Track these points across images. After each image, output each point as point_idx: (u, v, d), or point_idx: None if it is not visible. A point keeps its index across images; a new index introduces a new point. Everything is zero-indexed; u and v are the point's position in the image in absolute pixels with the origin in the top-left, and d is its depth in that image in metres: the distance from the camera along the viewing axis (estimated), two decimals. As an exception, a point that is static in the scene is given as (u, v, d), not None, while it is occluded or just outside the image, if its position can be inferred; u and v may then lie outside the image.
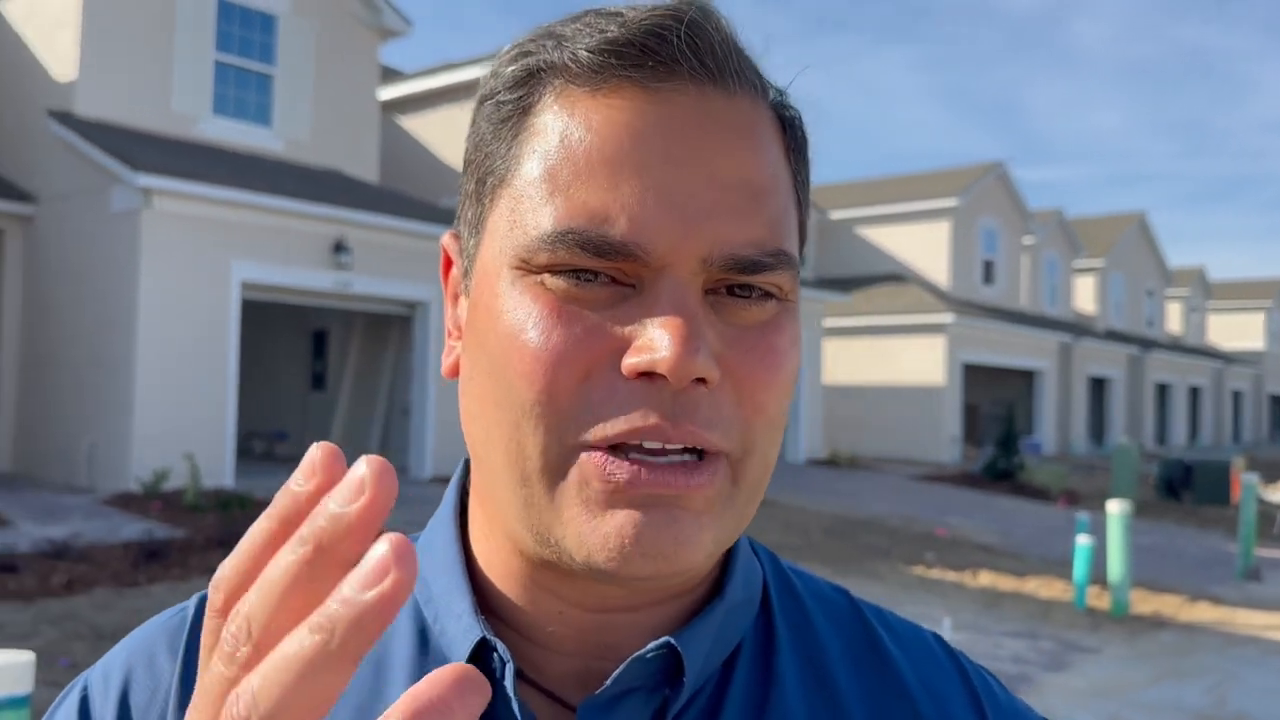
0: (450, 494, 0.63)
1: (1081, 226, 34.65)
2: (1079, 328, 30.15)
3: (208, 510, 9.96)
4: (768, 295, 0.52)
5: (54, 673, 5.70)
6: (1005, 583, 10.04)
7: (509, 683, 0.53)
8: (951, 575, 10.20)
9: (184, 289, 11.07)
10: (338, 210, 11.96)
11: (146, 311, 10.78)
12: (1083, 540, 9.02)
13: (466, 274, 0.57)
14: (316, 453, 0.30)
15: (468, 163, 0.57)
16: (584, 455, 0.49)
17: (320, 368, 16.47)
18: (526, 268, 0.51)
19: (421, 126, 17.73)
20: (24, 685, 2.71)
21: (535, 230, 0.50)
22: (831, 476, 17.66)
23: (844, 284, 24.94)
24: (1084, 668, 7.28)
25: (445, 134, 17.19)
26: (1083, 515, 9.95)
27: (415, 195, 15.94)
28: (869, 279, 25.97)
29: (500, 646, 0.54)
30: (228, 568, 0.31)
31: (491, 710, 0.54)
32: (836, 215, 27.05)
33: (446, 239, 0.61)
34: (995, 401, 27.58)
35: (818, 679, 0.60)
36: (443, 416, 13.30)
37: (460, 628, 0.56)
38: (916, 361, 23.33)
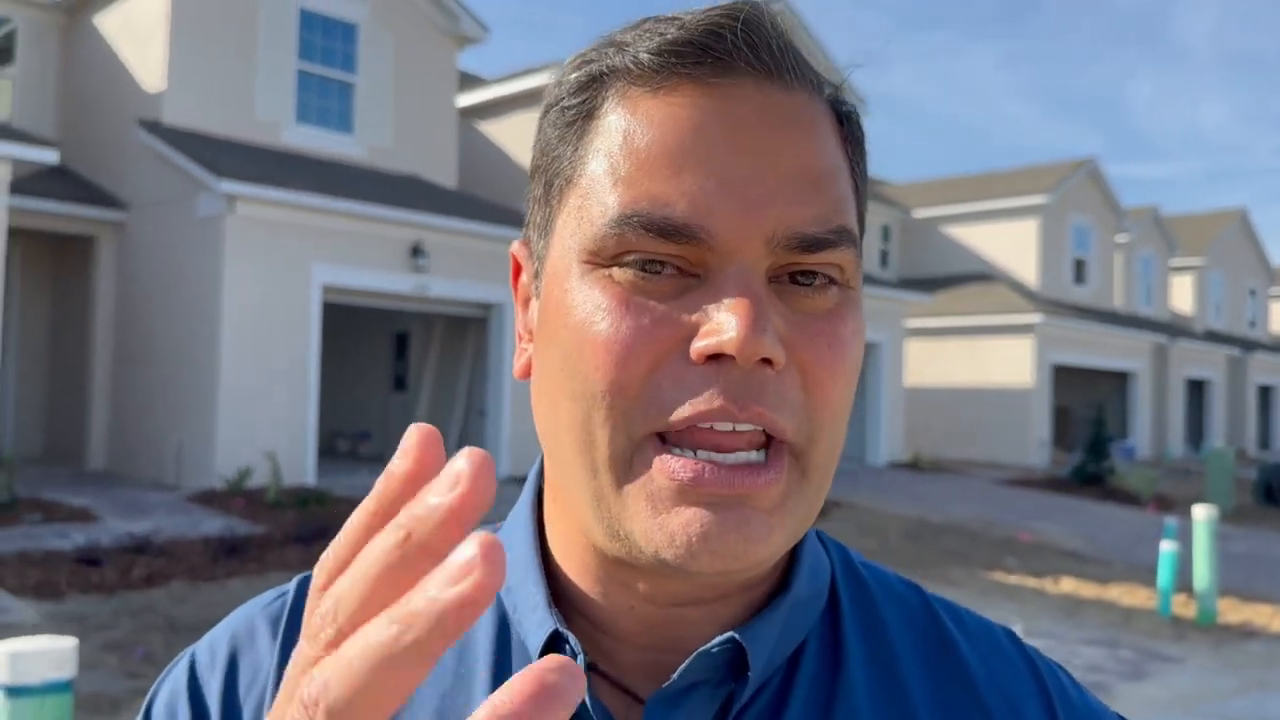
0: (529, 486, 0.64)
1: (1179, 224, 33.52)
2: (1175, 328, 29.17)
3: (288, 507, 10.19)
4: (830, 282, 0.53)
5: (130, 663, 5.89)
6: (1087, 589, 9.74)
7: None
8: (1031, 581, 9.94)
9: (266, 292, 11.36)
10: (414, 214, 12.15)
11: (230, 314, 11.08)
12: (1168, 546, 8.71)
13: (537, 276, 0.59)
14: (414, 434, 0.30)
15: (535, 169, 0.59)
16: (652, 451, 0.51)
17: (402, 369, 16.74)
18: (595, 260, 0.52)
19: (499, 131, 17.91)
20: (67, 670, 2.79)
21: (601, 219, 0.52)
22: (912, 479, 17.35)
23: (928, 284, 24.49)
24: (1165, 677, 7.03)
25: (523, 139, 17.33)
26: (1171, 521, 9.62)
27: (493, 200, 16.12)
28: (954, 278, 25.46)
29: (572, 639, 0.55)
30: (331, 548, 0.31)
31: None
32: (921, 214, 26.58)
33: (516, 247, 0.63)
34: (1088, 404, 26.80)
35: (885, 675, 0.60)
36: (517, 417, 13.42)
37: (535, 619, 0.58)
38: (1004, 363, 22.77)
